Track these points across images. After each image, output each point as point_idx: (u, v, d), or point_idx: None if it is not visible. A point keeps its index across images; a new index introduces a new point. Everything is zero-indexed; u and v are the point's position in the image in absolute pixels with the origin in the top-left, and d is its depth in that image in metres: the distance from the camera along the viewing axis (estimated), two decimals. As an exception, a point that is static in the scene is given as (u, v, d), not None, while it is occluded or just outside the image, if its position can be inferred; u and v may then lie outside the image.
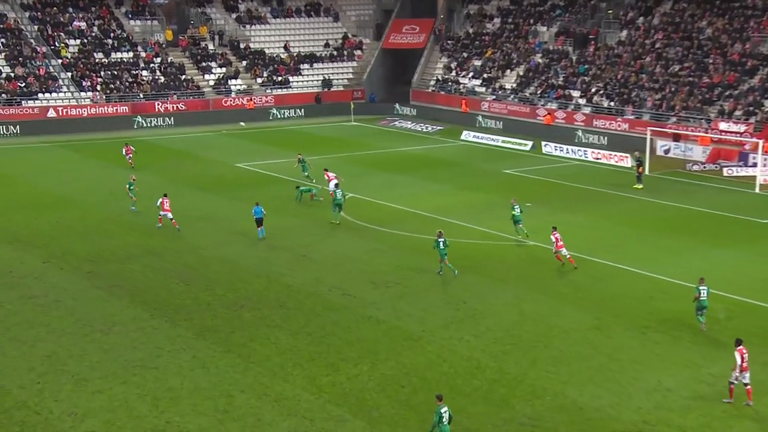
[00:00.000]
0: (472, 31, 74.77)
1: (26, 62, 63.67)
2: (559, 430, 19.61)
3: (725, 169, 48.06)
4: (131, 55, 68.36)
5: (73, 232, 34.92)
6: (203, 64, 70.61)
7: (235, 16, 76.44)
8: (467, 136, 60.64)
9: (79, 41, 67.62)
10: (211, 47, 72.75)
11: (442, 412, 18.27)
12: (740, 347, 20.75)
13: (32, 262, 30.88)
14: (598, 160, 52.41)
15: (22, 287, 28.16)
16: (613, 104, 59.50)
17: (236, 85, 69.72)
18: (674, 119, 54.95)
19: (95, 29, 69.39)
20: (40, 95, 61.75)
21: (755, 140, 47.07)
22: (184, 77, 68.25)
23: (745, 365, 20.58)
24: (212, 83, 69.17)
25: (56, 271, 29.98)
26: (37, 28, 67.14)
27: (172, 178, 45.95)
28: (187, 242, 33.67)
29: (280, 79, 71.69)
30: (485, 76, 69.28)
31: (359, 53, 77.23)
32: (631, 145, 52.48)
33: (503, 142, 58.34)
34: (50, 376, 21.68)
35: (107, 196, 39.86)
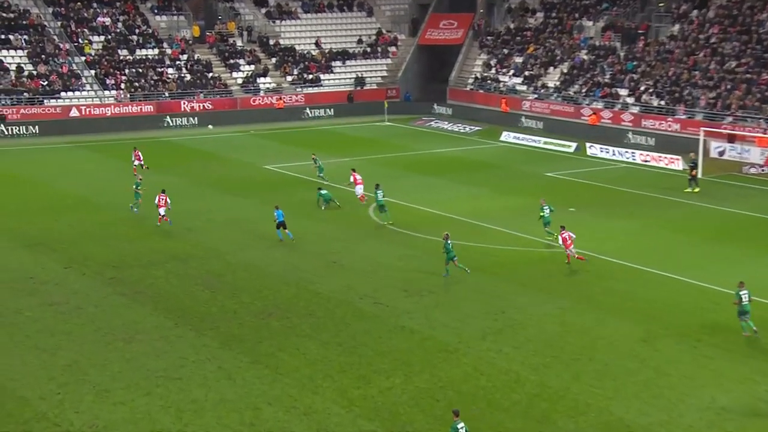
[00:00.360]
0: (513, 26, 74.53)
1: (49, 60, 64.67)
2: (603, 449, 19.48)
3: (784, 172, 47.46)
4: (157, 52, 69.14)
5: (94, 236, 35.38)
6: (231, 61, 71.19)
7: (264, 11, 76.99)
8: (507, 137, 60.44)
9: (103, 38, 68.57)
10: (239, 44, 73.33)
11: (458, 427, 18.18)
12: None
13: (53, 267, 31.33)
14: (646, 162, 51.97)
15: (42, 293, 28.58)
16: (663, 103, 58.92)
17: (265, 83, 70.19)
18: (730, 119, 54.27)
19: (120, 25, 70.32)
20: (62, 94, 62.68)
21: (817, 141, 46.39)
22: (211, 75, 68.87)
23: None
24: (240, 81, 69.72)
25: (78, 276, 30.39)
26: (60, 24, 68.19)
27: (197, 180, 46.38)
28: (212, 247, 33.95)
29: (310, 77, 72.05)
30: (527, 73, 68.99)
31: (394, 50, 77.34)
32: (681, 146, 51.93)
33: (545, 143, 58.07)
34: (71, 386, 21.97)
35: (130, 198, 40.22)
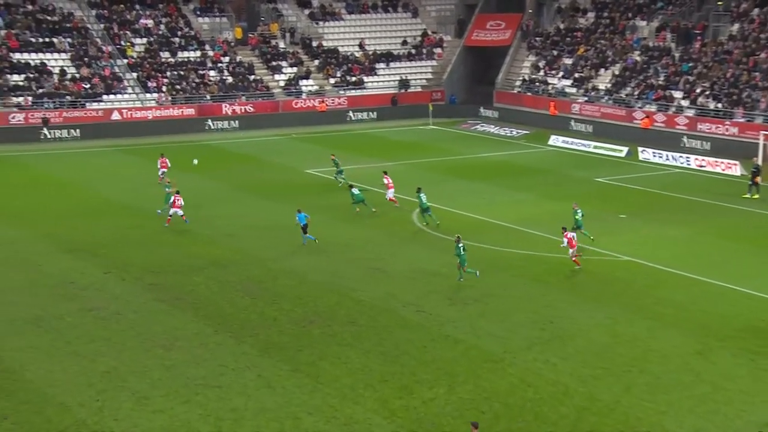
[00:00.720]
0: (563, 26, 74.06)
1: (92, 63, 65.74)
2: (655, 465, 19.21)
3: None
4: (198, 54, 69.92)
5: (134, 241, 35.83)
6: (273, 63, 71.74)
7: (308, 12, 77.46)
8: (555, 141, 60.05)
9: (145, 40, 69.52)
10: (281, 45, 73.87)
11: None
12: None
13: (93, 272, 31.79)
14: (702, 167, 51.27)
15: (82, 299, 29.00)
16: (720, 106, 58.06)
17: (307, 85, 70.59)
18: (790, 122, 53.33)
19: (162, 27, 71.25)
20: (104, 97, 63.66)
21: None
22: (253, 77, 69.45)
23: None
24: (282, 84, 70.20)
25: (117, 282, 30.80)
26: (103, 26, 69.31)
27: (237, 184, 46.75)
28: (252, 253, 34.18)
29: (353, 79, 72.30)
30: (576, 75, 68.49)
31: (439, 51, 77.29)
32: (738, 151, 51.14)
33: (595, 147, 57.58)
34: (110, 393, 22.23)
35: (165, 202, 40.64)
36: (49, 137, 59.76)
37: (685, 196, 44.55)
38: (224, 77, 68.67)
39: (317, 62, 73.29)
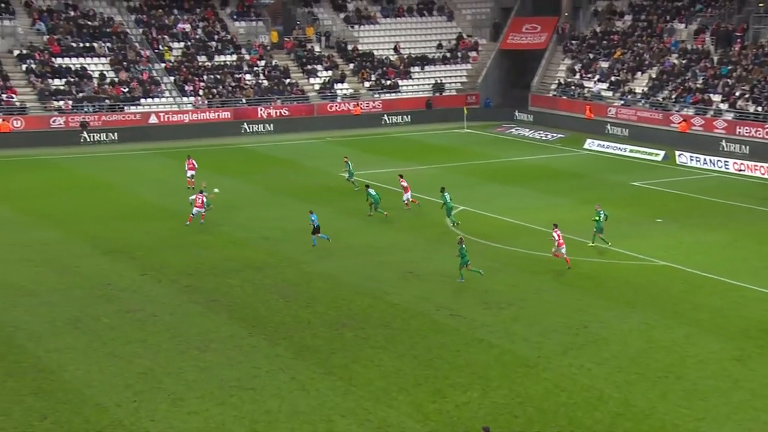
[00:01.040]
0: (599, 29, 73.58)
1: (130, 67, 66.51)
2: (691, 472, 19.01)
3: None
4: (235, 58, 70.45)
5: (170, 243, 36.17)
6: (308, 67, 72.05)
7: (343, 15, 77.71)
8: (591, 144, 59.69)
9: (182, 44, 70.20)
10: (317, 49, 74.17)
11: None
12: None
13: (130, 274, 32.14)
14: (741, 171, 50.66)
15: (119, 300, 29.33)
16: (760, 109, 57.30)
17: (342, 89, 70.80)
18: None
19: (199, 31, 71.89)
20: (142, 101, 64.36)
21: None
22: (288, 81, 69.80)
23: None
24: (317, 87, 70.48)
25: (154, 284, 31.11)
26: (142, 31, 70.10)
27: (272, 187, 47.02)
28: (287, 256, 34.36)
29: (388, 82, 72.38)
30: (613, 79, 68.01)
31: (474, 55, 77.16)
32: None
33: (631, 151, 57.16)
34: (146, 394, 22.45)
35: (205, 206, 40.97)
36: (88, 140, 60.52)
37: (722, 200, 44.06)
38: (260, 81, 69.10)
39: (352, 66, 73.48)
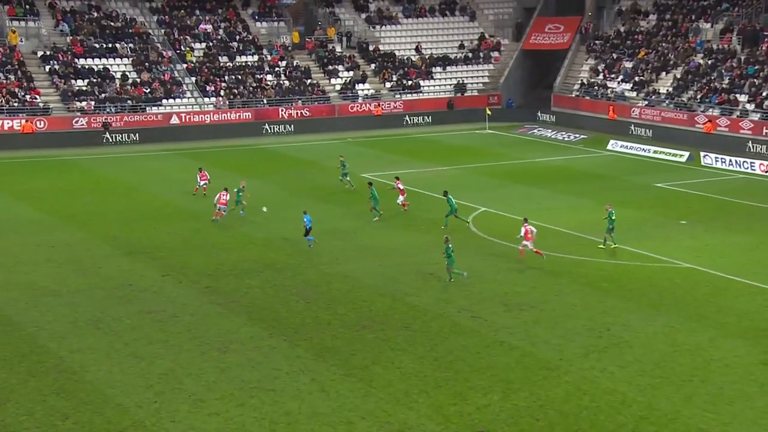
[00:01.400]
0: (623, 29, 73.21)
1: (152, 67, 66.90)
2: (715, 478, 18.85)
3: None
4: (256, 58, 70.69)
5: (191, 244, 36.33)
6: (330, 67, 72.17)
7: (364, 16, 77.79)
8: (614, 145, 59.41)
9: (204, 45, 70.53)
10: (338, 49, 74.28)
11: None
12: None
13: (151, 275, 32.31)
14: (767, 173, 50.23)
15: (141, 301, 29.49)
16: (787, 110, 56.86)
17: (364, 89, 70.85)
18: None
19: (221, 32, 72.21)
20: (163, 101, 64.71)
21: None
22: (309, 82, 69.94)
23: None
24: (338, 88, 70.58)
25: (174, 285, 31.26)
26: (164, 32, 70.50)
27: (294, 188, 47.14)
28: (308, 257, 34.41)
29: (410, 83, 72.36)
30: (637, 79, 67.63)
31: (496, 55, 77.00)
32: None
33: (655, 152, 56.84)
34: (167, 395, 22.55)
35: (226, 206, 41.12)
36: (110, 141, 60.93)
37: (748, 202, 43.71)
38: (281, 81, 69.29)
39: (373, 66, 73.54)
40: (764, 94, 58.70)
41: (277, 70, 70.34)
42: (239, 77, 68.50)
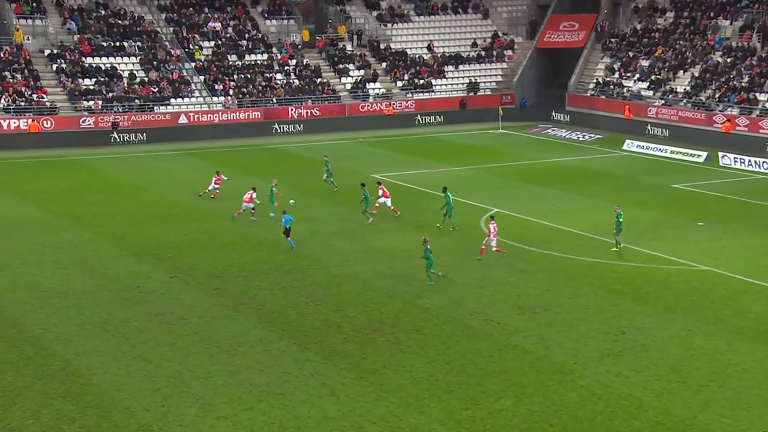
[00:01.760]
0: (640, 27, 73.04)
1: (160, 66, 67.11)
2: (732, 485, 18.79)
3: None
4: (266, 57, 70.81)
5: (199, 245, 36.42)
6: (340, 66, 72.24)
7: (376, 14, 77.83)
8: (630, 145, 59.28)
9: (213, 43, 70.70)
10: (349, 48, 74.35)
11: None
12: None
13: (159, 276, 32.41)
14: (787, 173, 50.18)
15: (148, 303, 29.59)
16: (806, 109, 56.62)
17: (375, 88, 70.89)
18: None
19: (230, 30, 72.37)
20: (171, 101, 64.88)
21: None
22: (319, 80, 70.02)
23: None
24: (349, 87, 70.63)
25: (182, 286, 31.34)
26: (172, 30, 70.70)
27: (303, 188, 47.14)
28: (317, 259, 34.45)
29: (422, 82, 72.35)
30: (653, 78, 67.46)
31: (510, 53, 76.92)
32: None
33: (672, 152, 56.67)
34: (175, 398, 22.61)
35: (235, 208, 41.27)
36: (118, 141, 61.14)
37: None
38: (291, 80, 69.39)
39: (385, 65, 73.58)
40: (784, 93, 58.58)
41: (286, 68, 70.46)
42: (248, 76, 68.63)
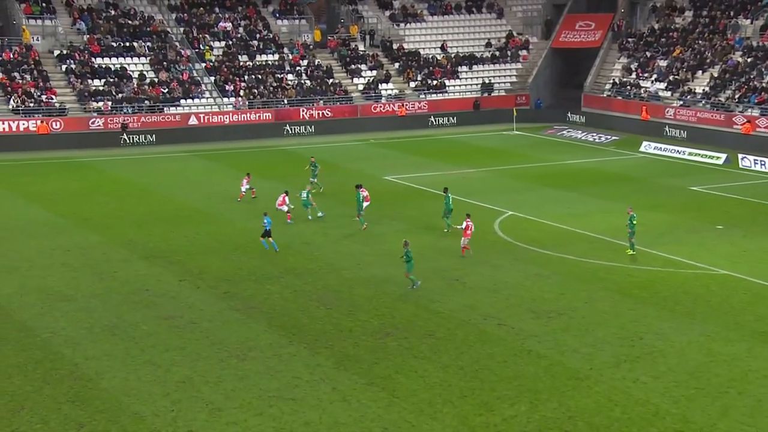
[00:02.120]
0: (657, 26, 72.85)
1: (170, 66, 67.33)
2: (752, 494, 18.69)
3: None
4: (277, 57, 70.95)
5: (209, 248, 36.50)
6: (352, 66, 72.32)
7: (388, 13, 77.88)
8: (647, 147, 59.12)
9: (223, 43, 70.89)
10: (361, 48, 74.43)
11: None
12: None
13: (168, 279, 32.49)
14: (809, 176, 49.97)
15: (158, 307, 29.67)
16: (828, 110, 56.33)
17: (387, 89, 70.93)
18: None
19: (241, 30, 72.56)
20: (182, 101, 65.08)
21: None
22: (331, 81, 70.11)
23: None
24: (361, 88, 70.69)
25: (192, 290, 31.41)
26: (182, 30, 70.93)
27: (314, 191, 47.12)
28: (329, 262, 34.48)
29: (435, 83, 72.35)
30: (671, 78, 67.25)
31: (525, 53, 76.84)
32: None
33: (690, 154, 56.51)
34: (184, 403, 22.65)
35: (246, 210, 41.36)
36: (128, 142, 61.34)
37: (788, 206, 43.41)
38: (302, 81, 69.51)
39: (397, 65, 73.61)
40: (805, 93, 58.29)
41: (298, 69, 70.58)
42: (259, 77, 68.78)
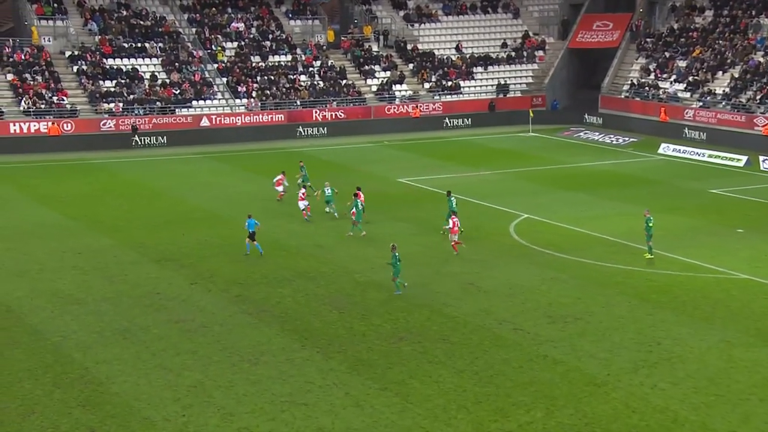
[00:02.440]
0: (676, 26, 72.62)
1: (182, 68, 67.55)
2: (773, 503, 18.59)
3: None
4: (290, 58, 71.09)
5: (221, 251, 36.59)
6: (366, 67, 72.39)
7: (402, 13, 77.93)
8: (666, 149, 58.94)
9: (236, 44, 71.07)
10: (375, 49, 74.48)
11: None
12: None
13: (179, 282, 32.60)
14: (832, 179, 49.69)
15: (168, 310, 29.77)
16: None
17: (401, 90, 70.95)
18: None
19: (253, 31, 72.74)
20: (193, 103, 65.27)
21: None
22: (344, 82, 70.19)
23: None
24: (375, 89, 70.74)
25: (203, 293, 31.50)
26: (194, 30, 71.15)
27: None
28: (341, 266, 34.51)
29: (449, 84, 72.34)
30: (691, 79, 67.01)
31: (541, 54, 76.73)
32: None
33: (710, 156, 56.31)
34: (195, 408, 22.72)
35: (258, 212, 41.40)
36: (139, 144, 61.58)
37: (810, 209, 43.18)
38: (315, 82, 69.61)
39: (412, 66, 73.63)
40: (827, 94, 57.99)
41: (311, 70, 70.69)
42: (272, 78, 68.93)
